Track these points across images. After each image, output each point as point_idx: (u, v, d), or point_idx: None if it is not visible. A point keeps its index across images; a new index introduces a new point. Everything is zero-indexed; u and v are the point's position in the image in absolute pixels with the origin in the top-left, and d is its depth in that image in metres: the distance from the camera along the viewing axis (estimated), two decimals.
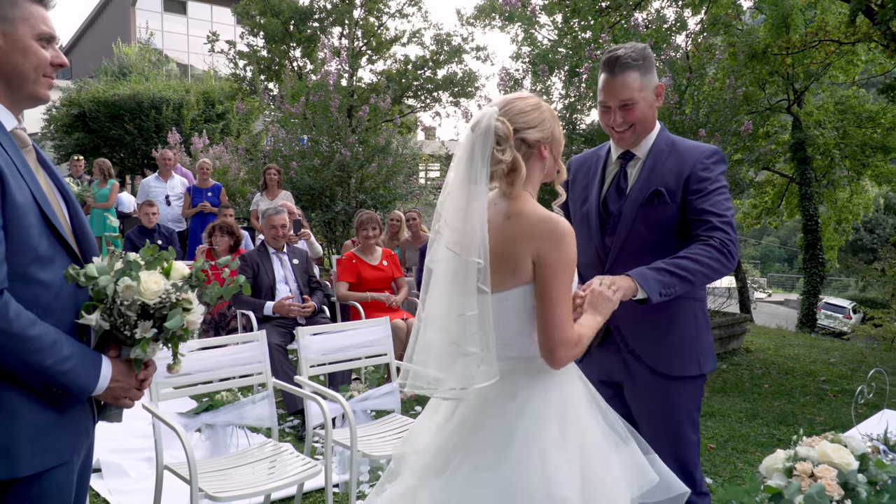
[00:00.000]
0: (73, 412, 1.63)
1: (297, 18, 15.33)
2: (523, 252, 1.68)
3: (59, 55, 1.69)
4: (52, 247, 1.60)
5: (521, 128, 1.72)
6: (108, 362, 1.65)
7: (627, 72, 2.22)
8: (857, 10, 7.99)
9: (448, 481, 1.68)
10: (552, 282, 1.67)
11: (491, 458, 1.67)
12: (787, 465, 1.72)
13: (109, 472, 3.86)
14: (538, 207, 1.74)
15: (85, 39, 35.54)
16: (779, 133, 14.20)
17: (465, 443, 1.72)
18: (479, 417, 1.72)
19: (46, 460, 1.57)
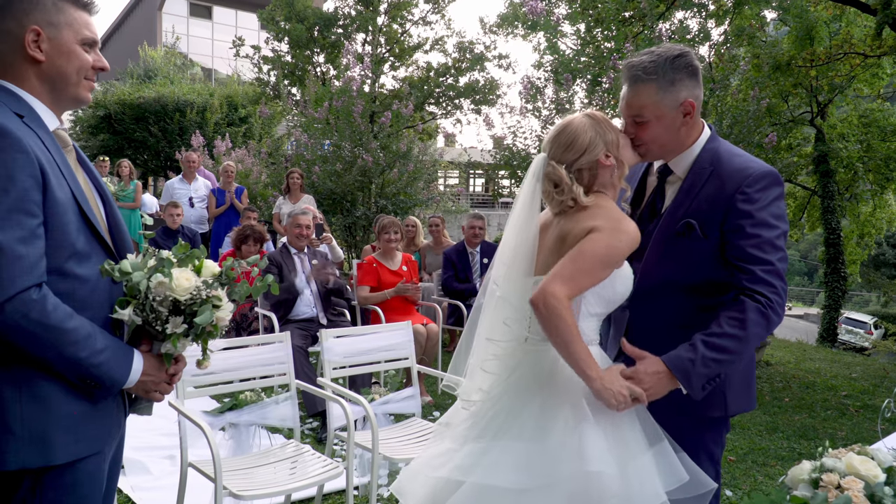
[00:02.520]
0: (105, 404, 1.68)
1: (322, 24, 15.47)
2: (585, 225, 1.77)
3: (100, 59, 1.75)
4: (89, 243, 1.65)
5: (572, 161, 1.82)
6: (140, 356, 1.69)
7: (640, 84, 1.90)
8: (884, 24, 7.92)
9: (484, 446, 1.76)
10: (588, 244, 1.74)
11: (530, 430, 1.73)
12: (814, 477, 1.72)
13: (132, 470, 3.92)
14: (606, 204, 1.84)
15: (112, 42, 36.06)
16: (802, 145, 14.07)
17: (504, 415, 1.79)
18: (522, 396, 1.80)
19: (80, 449, 1.61)
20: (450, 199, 15.01)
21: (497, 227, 21.28)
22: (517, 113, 8.40)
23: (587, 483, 1.67)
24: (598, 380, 1.71)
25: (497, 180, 11.47)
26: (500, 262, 1.90)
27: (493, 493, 1.70)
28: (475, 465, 1.74)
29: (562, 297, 1.70)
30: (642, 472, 1.70)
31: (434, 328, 5.66)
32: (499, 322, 1.87)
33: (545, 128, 8.02)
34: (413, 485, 1.90)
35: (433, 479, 1.83)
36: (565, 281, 1.71)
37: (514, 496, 1.69)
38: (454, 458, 1.79)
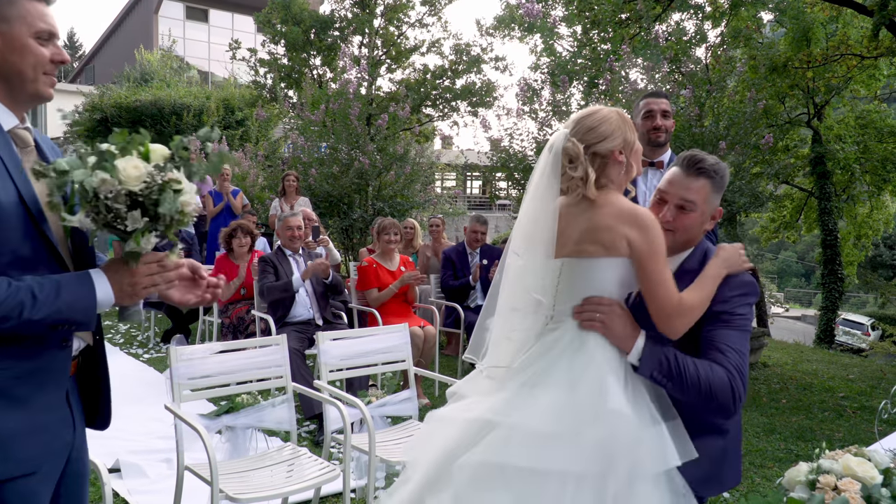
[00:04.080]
0: (44, 420, 1.57)
1: (318, 27, 15.45)
2: (619, 232, 1.83)
3: (59, 52, 1.64)
4: (38, 251, 1.55)
5: (591, 143, 1.87)
6: (98, 272, 1.57)
7: (702, 177, 2.03)
8: (881, 25, 7.93)
9: (516, 394, 1.82)
10: (648, 264, 1.83)
11: (562, 384, 1.79)
12: (811, 478, 1.72)
13: (129, 473, 3.91)
14: (623, 199, 1.91)
15: (108, 46, 36.06)
16: (798, 147, 14.09)
17: (534, 374, 1.85)
18: (550, 359, 1.85)
19: (9, 469, 1.50)
20: (447, 201, 15.02)
21: (495, 229, 21.29)
22: (514, 115, 8.40)
23: (607, 426, 1.72)
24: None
25: (494, 182, 11.47)
26: (520, 234, 1.94)
27: (524, 435, 1.73)
28: (508, 409, 1.78)
29: (675, 312, 1.85)
30: (658, 437, 1.76)
31: (431, 330, 5.66)
32: (522, 291, 1.90)
33: (542, 130, 8.02)
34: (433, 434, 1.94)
35: (463, 421, 1.85)
36: (663, 301, 1.85)
37: (544, 440, 1.72)
38: (487, 403, 1.84)
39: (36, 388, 1.56)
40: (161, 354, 6.74)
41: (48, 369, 1.58)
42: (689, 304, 1.86)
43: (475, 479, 1.73)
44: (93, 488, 3.68)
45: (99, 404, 1.79)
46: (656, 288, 1.84)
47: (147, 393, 5.41)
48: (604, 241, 1.83)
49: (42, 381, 1.57)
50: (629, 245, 1.82)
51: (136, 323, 8.14)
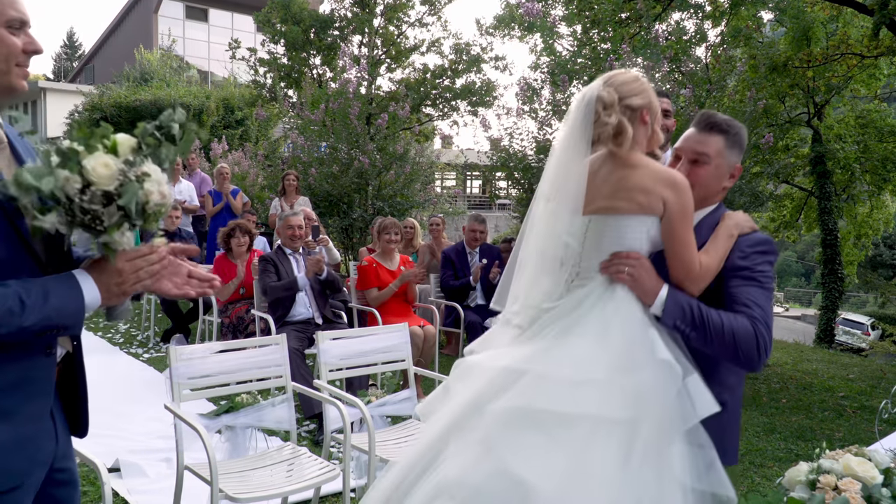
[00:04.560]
0: (29, 431, 1.53)
1: (318, 27, 15.42)
2: (657, 193, 1.85)
3: (32, 41, 1.54)
4: (17, 252, 1.48)
5: (625, 95, 1.89)
6: (83, 273, 1.51)
7: (714, 132, 2.08)
8: (881, 24, 7.93)
9: (547, 344, 1.83)
10: (679, 226, 1.87)
11: (593, 331, 1.81)
12: (811, 478, 1.72)
13: (128, 472, 3.90)
14: (653, 160, 1.93)
15: (108, 45, 36.04)
16: (798, 146, 14.08)
17: (563, 321, 1.86)
18: (580, 307, 1.86)
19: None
20: (447, 200, 15.00)
21: (494, 228, 21.27)
22: (514, 114, 8.40)
23: (648, 375, 1.74)
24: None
25: (494, 182, 11.46)
26: (548, 180, 1.95)
27: (557, 381, 1.74)
28: (541, 358, 1.79)
29: (697, 277, 1.89)
30: (694, 387, 1.77)
31: (431, 330, 5.66)
32: (551, 234, 1.90)
33: (542, 129, 8.01)
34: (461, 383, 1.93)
35: (492, 369, 1.85)
36: (687, 264, 1.89)
37: (577, 386, 1.73)
38: (518, 352, 1.84)
39: (22, 399, 1.50)
40: (161, 354, 6.74)
41: (33, 378, 1.53)
42: (707, 266, 1.91)
43: (506, 422, 1.72)
44: (92, 488, 3.68)
45: (78, 412, 1.73)
46: (682, 249, 1.88)
47: (147, 392, 5.41)
48: (640, 201, 1.86)
49: (28, 391, 1.52)
50: (664, 205, 1.86)
51: (125, 321, 8.14)
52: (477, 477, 1.67)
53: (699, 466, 1.72)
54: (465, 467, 1.71)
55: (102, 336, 7.46)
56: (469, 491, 1.66)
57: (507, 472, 1.65)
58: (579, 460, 1.65)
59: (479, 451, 1.72)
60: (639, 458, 1.67)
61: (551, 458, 1.66)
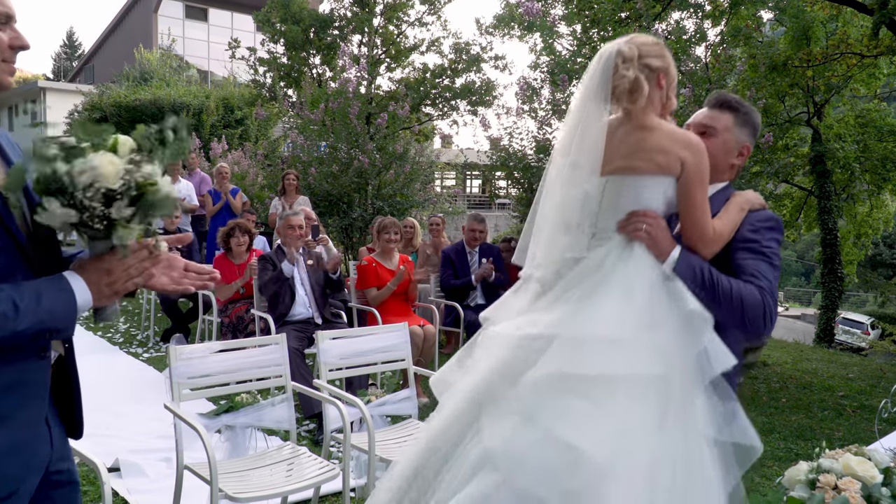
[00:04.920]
0: (26, 436, 1.51)
1: (318, 26, 15.41)
2: (675, 154, 1.87)
3: (18, 36, 1.51)
4: (12, 257, 1.46)
5: (645, 54, 1.90)
6: (72, 274, 1.48)
7: (724, 109, 2.13)
8: (880, 24, 7.92)
9: (574, 306, 1.82)
10: (695, 187, 1.88)
11: (618, 289, 1.81)
12: (811, 477, 1.72)
13: (128, 472, 3.91)
14: (670, 123, 1.94)
15: (107, 45, 36.03)
16: (798, 146, 14.08)
17: (587, 280, 1.85)
18: (602, 265, 1.86)
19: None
20: (446, 200, 15.00)
21: (494, 228, 21.26)
22: (514, 114, 8.40)
23: (675, 329, 1.75)
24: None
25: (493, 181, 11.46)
26: (565, 136, 1.96)
27: (589, 344, 1.74)
28: (569, 322, 1.78)
29: (710, 239, 1.91)
30: (714, 338, 1.79)
31: (431, 329, 5.66)
32: (571, 192, 1.89)
33: (542, 129, 8.02)
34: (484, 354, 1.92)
35: (517, 338, 1.84)
36: (700, 225, 1.91)
37: (609, 346, 1.73)
38: (545, 318, 1.83)
39: (17, 403, 1.48)
40: (160, 354, 6.74)
41: (28, 382, 1.51)
42: (719, 231, 1.93)
43: (544, 390, 1.71)
44: (92, 487, 3.69)
45: (72, 414, 1.71)
46: (697, 211, 1.89)
47: (146, 392, 5.41)
48: (658, 161, 1.87)
49: (23, 394, 1.49)
50: (682, 166, 1.87)
51: (125, 321, 8.14)
52: (521, 446, 1.66)
53: (720, 419, 1.74)
54: (506, 438, 1.69)
55: (102, 336, 7.46)
56: (513, 461, 1.65)
57: (554, 439, 1.64)
58: (624, 422, 1.65)
59: (518, 422, 1.71)
60: (672, 416, 1.69)
61: (597, 422, 1.65)
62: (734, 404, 1.76)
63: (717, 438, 1.71)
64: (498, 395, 1.79)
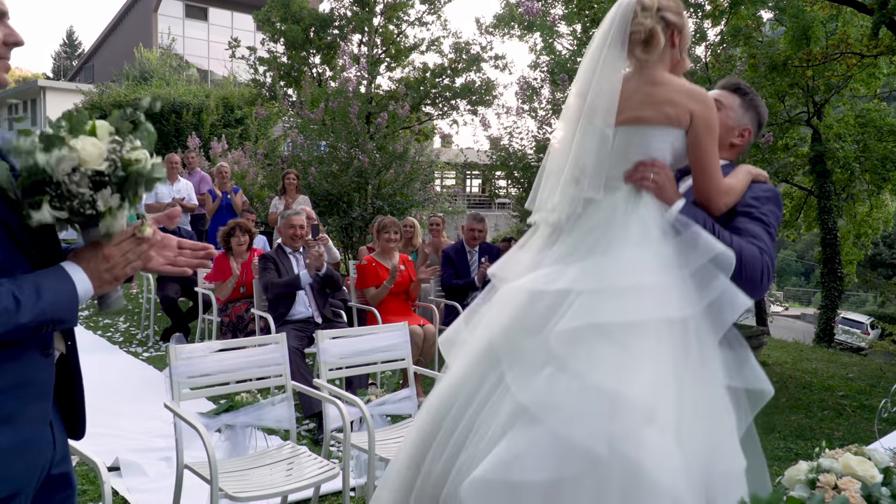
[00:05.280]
0: (30, 435, 1.49)
1: (318, 25, 15.40)
2: (684, 106, 1.89)
3: (12, 32, 1.49)
4: (11, 252, 1.44)
5: (664, 7, 1.93)
6: (72, 265, 1.47)
7: (735, 92, 2.21)
8: (880, 24, 7.92)
9: (595, 261, 1.81)
10: (706, 139, 1.91)
11: (636, 236, 1.82)
12: (811, 477, 1.71)
13: (128, 471, 3.91)
14: (681, 79, 1.97)
15: (107, 44, 36.02)
16: (798, 145, 14.07)
17: (604, 229, 1.86)
18: (614, 229, 1.86)
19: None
20: (446, 199, 15.00)
21: (494, 227, 21.27)
22: (514, 114, 8.40)
23: (692, 273, 1.77)
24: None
25: (493, 181, 11.46)
26: (581, 79, 1.96)
27: (614, 293, 1.74)
28: (592, 274, 1.78)
29: (722, 190, 1.95)
30: (730, 284, 1.80)
31: (431, 329, 5.66)
32: (589, 141, 1.90)
33: (541, 128, 8.02)
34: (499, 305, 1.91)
35: (538, 291, 1.83)
36: (712, 175, 1.93)
37: (632, 294, 1.74)
38: (567, 274, 1.82)
39: (22, 402, 1.47)
40: (160, 353, 6.74)
41: (32, 380, 1.49)
42: (730, 184, 1.97)
43: (573, 342, 1.70)
44: (92, 486, 3.69)
45: (75, 414, 1.70)
46: (708, 163, 1.92)
47: (146, 391, 5.41)
48: (667, 112, 1.89)
49: (27, 393, 1.48)
50: (691, 118, 1.90)
51: (125, 320, 8.14)
52: (560, 397, 1.65)
53: (731, 364, 1.75)
54: (542, 390, 1.67)
55: (102, 335, 7.46)
56: (555, 411, 1.63)
57: (594, 387, 1.64)
58: (655, 366, 1.66)
59: (552, 373, 1.69)
60: (694, 361, 1.70)
61: (632, 367, 1.66)
62: (745, 350, 1.78)
63: (729, 385, 1.73)
64: (519, 348, 1.77)
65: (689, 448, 1.63)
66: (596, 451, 1.57)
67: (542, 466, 1.59)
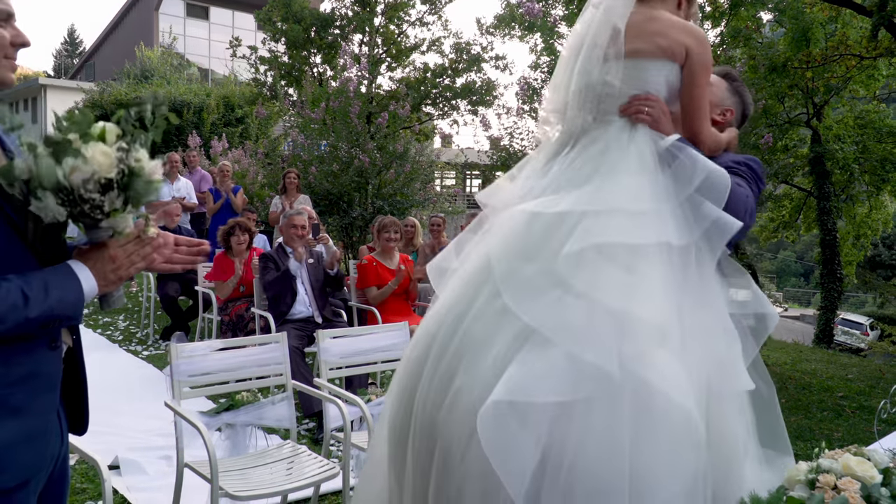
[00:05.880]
0: (38, 427, 1.53)
1: (319, 25, 15.41)
2: (678, 39, 1.91)
3: (19, 34, 1.53)
4: (19, 249, 1.48)
5: None
6: (78, 264, 1.51)
7: (725, 78, 2.26)
8: (880, 25, 7.93)
9: (596, 185, 1.82)
10: (701, 75, 1.93)
11: (635, 163, 1.84)
12: (810, 477, 1.72)
13: (128, 470, 3.91)
14: (678, 17, 1.99)
15: (108, 43, 36.02)
16: (798, 147, 14.08)
17: (603, 153, 1.88)
18: (615, 158, 1.87)
19: (6, 479, 1.46)
20: (447, 199, 15.00)
21: None
22: (514, 114, 8.40)
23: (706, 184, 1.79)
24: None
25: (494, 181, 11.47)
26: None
27: (619, 216, 1.75)
28: (593, 198, 1.79)
29: (710, 133, 1.98)
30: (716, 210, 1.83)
31: None
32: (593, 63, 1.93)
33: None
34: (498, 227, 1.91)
35: (534, 213, 1.83)
36: (701, 115, 1.96)
37: (635, 218, 1.74)
38: (565, 199, 1.82)
39: (31, 394, 1.50)
40: (160, 352, 6.74)
41: (41, 373, 1.53)
42: (719, 136, 2.02)
43: (578, 265, 1.70)
44: (92, 485, 3.69)
45: (79, 408, 1.74)
46: (701, 100, 1.94)
47: (146, 390, 5.42)
48: (660, 44, 1.90)
49: (36, 385, 1.52)
50: (686, 53, 1.91)
51: (125, 318, 8.15)
52: (571, 318, 1.64)
53: (728, 293, 1.78)
54: (551, 312, 1.67)
55: (101, 333, 7.46)
56: (569, 332, 1.63)
57: (604, 308, 1.64)
58: (663, 289, 1.67)
59: (559, 295, 1.69)
60: (694, 284, 1.72)
61: (640, 288, 1.66)
62: (745, 279, 1.80)
63: (732, 312, 1.74)
64: (518, 271, 1.76)
65: (691, 369, 1.64)
66: (608, 371, 1.57)
67: (559, 387, 1.58)
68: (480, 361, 1.68)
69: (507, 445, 1.55)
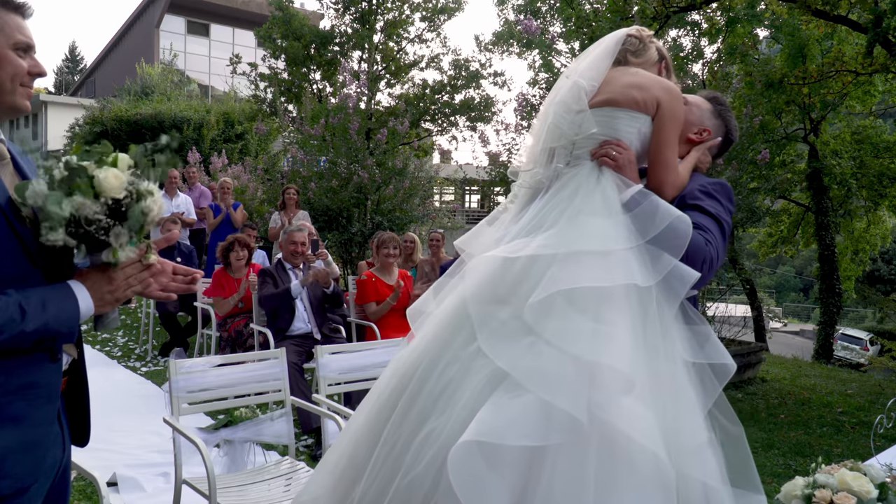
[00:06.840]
0: (39, 434, 1.57)
1: (319, 42, 15.51)
2: (653, 94, 1.99)
3: (37, 64, 1.63)
4: (26, 267, 1.54)
5: (652, 41, 2.13)
6: (77, 284, 1.58)
7: (708, 100, 2.28)
8: (875, 42, 8.01)
9: (560, 228, 1.87)
10: (668, 127, 2.00)
11: (600, 207, 1.89)
12: (807, 492, 1.73)
13: (125, 487, 3.90)
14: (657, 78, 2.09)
15: (109, 59, 36.23)
16: (795, 162, 14.15)
17: (569, 198, 1.93)
18: (582, 200, 1.92)
19: (4, 486, 1.49)
20: (446, 215, 15.04)
21: None
22: (512, 130, 8.46)
23: (668, 232, 1.83)
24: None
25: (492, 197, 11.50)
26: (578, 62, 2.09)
27: (578, 262, 1.77)
28: (561, 241, 1.82)
29: (675, 183, 2.02)
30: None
31: None
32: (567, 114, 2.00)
33: None
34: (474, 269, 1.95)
35: (505, 259, 1.85)
36: (668, 166, 2.01)
37: (601, 259, 1.77)
38: (534, 242, 1.86)
39: (28, 404, 1.54)
40: (158, 368, 6.73)
41: (40, 384, 1.57)
42: (682, 174, 2.05)
43: (546, 312, 1.72)
44: (90, 502, 3.68)
45: (82, 420, 1.79)
46: (667, 150, 2.00)
47: (144, 406, 5.40)
48: (635, 97, 1.99)
49: (34, 396, 1.56)
50: (658, 105, 1.99)
51: (124, 335, 8.14)
52: (542, 365, 1.66)
53: (693, 341, 1.78)
54: (523, 358, 1.68)
55: (101, 349, 7.45)
56: (540, 378, 1.64)
57: (573, 357, 1.65)
58: (630, 336, 1.69)
59: (531, 342, 1.70)
60: (656, 332, 1.73)
61: (607, 337, 1.67)
62: (705, 327, 1.81)
63: (694, 361, 1.75)
64: (492, 315, 1.79)
65: (658, 414, 1.65)
66: (578, 418, 1.59)
67: (530, 432, 1.60)
68: (454, 403, 1.71)
69: (476, 486, 1.57)
